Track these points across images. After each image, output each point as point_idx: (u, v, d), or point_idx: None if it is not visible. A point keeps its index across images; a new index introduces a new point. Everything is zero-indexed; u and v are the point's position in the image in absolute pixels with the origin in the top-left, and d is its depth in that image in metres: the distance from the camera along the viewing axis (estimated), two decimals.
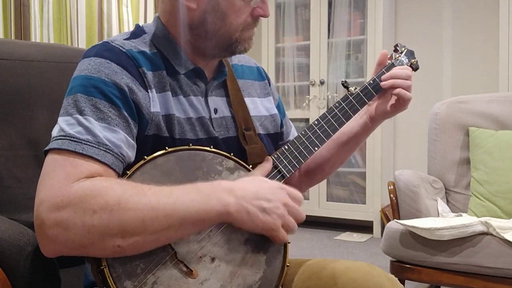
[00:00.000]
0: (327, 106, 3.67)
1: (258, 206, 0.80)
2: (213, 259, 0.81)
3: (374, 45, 3.47)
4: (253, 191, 0.81)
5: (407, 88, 1.04)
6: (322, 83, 3.67)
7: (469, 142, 2.14)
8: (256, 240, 0.85)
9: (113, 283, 0.74)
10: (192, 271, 0.79)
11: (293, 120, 3.82)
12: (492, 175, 1.99)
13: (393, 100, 1.06)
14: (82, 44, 3.08)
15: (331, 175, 1.25)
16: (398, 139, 3.79)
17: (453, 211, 2.09)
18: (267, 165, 0.94)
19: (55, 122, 0.83)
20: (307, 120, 3.75)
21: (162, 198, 0.75)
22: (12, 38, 2.69)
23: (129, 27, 3.41)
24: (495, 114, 2.16)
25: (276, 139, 1.08)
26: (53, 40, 2.91)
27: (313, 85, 3.71)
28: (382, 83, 1.06)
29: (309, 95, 3.74)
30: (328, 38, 3.67)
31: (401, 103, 1.05)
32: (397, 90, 1.04)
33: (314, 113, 3.69)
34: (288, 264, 0.88)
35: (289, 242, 0.88)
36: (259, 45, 3.86)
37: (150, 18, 3.55)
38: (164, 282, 0.77)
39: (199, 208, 0.76)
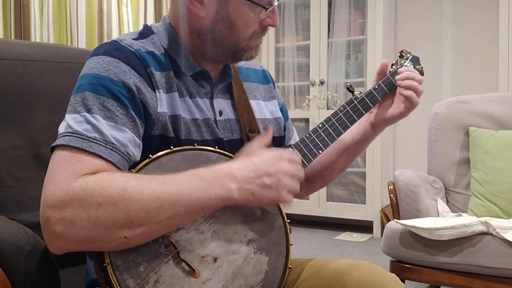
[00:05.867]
0: (327, 106, 3.67)
1: (261, 185, 0.80)
2: (215, 259, 0.81)
3: (374, 45, 3.47)
4: (253, 169, 0.81)
5: (419, 94, 1.03)
6: (322, 83, 3.67)
7: (469, 142, 2.14)
8: (259, 241, 0.85)
9: (115, 280, 0.74)
10: (194, 270, 0.79)
11: (293, 120, 3.84)
12: (492, 175, 1.99)
13: (396, 105, 1.05)
14: (82, 44, 3.07)
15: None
16: (398, 139, 3.79)
17: (453, 211, 2.09)
18: (268, 134, 0.94)
19: (55, 122, 0.83)
20: (307, 120, 3.75)
21: (165, 187, 0.75)
22: (12, 38, 2.69)
23: (129, 27, 3.41)
24: (495, 114, 2.16)
25: (279, 142, 1.08)
26: (53, 40, 2.91)
27: (313, 85, 3.71)
28: (398, 82, 1.04)
29: (309, 95, 3.74)
30: (328, 38, 3.67)
31: (407, 108, 1.04)
32: (409, 93, 1.02)
33: (314, 113, 3.69)
34: (290, 266, 0.88)
35: (291, 244, 0.88)
36: None
37: (150, 18, 3.54)
38: (166, 280, 0.77)
39: (202, 195, 0.77)
